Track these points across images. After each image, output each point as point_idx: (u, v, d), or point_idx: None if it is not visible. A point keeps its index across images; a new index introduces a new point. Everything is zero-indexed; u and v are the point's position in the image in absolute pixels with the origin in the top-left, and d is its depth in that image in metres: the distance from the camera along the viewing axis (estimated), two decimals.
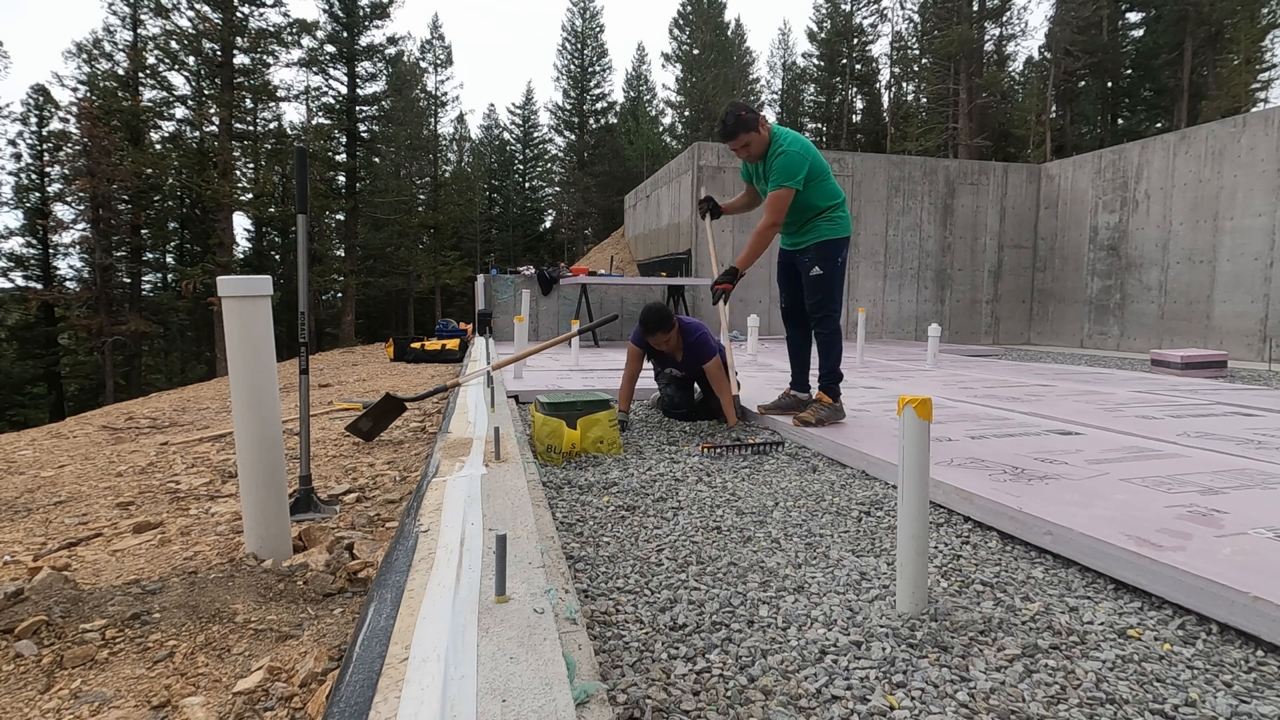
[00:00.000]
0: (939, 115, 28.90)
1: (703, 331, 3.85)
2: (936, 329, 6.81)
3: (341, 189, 28.65)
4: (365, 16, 28.76)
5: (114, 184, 23.40)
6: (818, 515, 2.32)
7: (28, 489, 3.25)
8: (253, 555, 2.08)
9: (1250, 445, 3.10)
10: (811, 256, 3.54)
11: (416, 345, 9.95)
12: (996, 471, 2.53)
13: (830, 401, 3.58)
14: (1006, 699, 1.24)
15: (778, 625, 1.53)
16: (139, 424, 5.40)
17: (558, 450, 3.05)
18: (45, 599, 1.66)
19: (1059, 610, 1.60)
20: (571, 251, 38.19)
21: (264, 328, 2.15)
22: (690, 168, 11.93)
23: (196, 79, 25.04)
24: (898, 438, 1.56)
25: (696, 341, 3.80)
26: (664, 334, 3.75)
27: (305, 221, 2.56)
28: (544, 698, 1.01)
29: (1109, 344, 11.65)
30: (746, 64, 40.81)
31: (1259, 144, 9.47)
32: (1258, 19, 24.52)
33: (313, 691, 1.33)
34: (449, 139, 40.35)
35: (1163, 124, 27.99)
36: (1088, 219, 12.04)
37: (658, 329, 3.73)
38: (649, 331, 3.75)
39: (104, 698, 1.33)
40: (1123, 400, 4.66)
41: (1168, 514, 2.00)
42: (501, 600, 1.34)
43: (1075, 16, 25.90)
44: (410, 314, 33.86)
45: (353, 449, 3.73)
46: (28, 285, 26.90)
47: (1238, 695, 1.25)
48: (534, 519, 1.88)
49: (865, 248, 12.36)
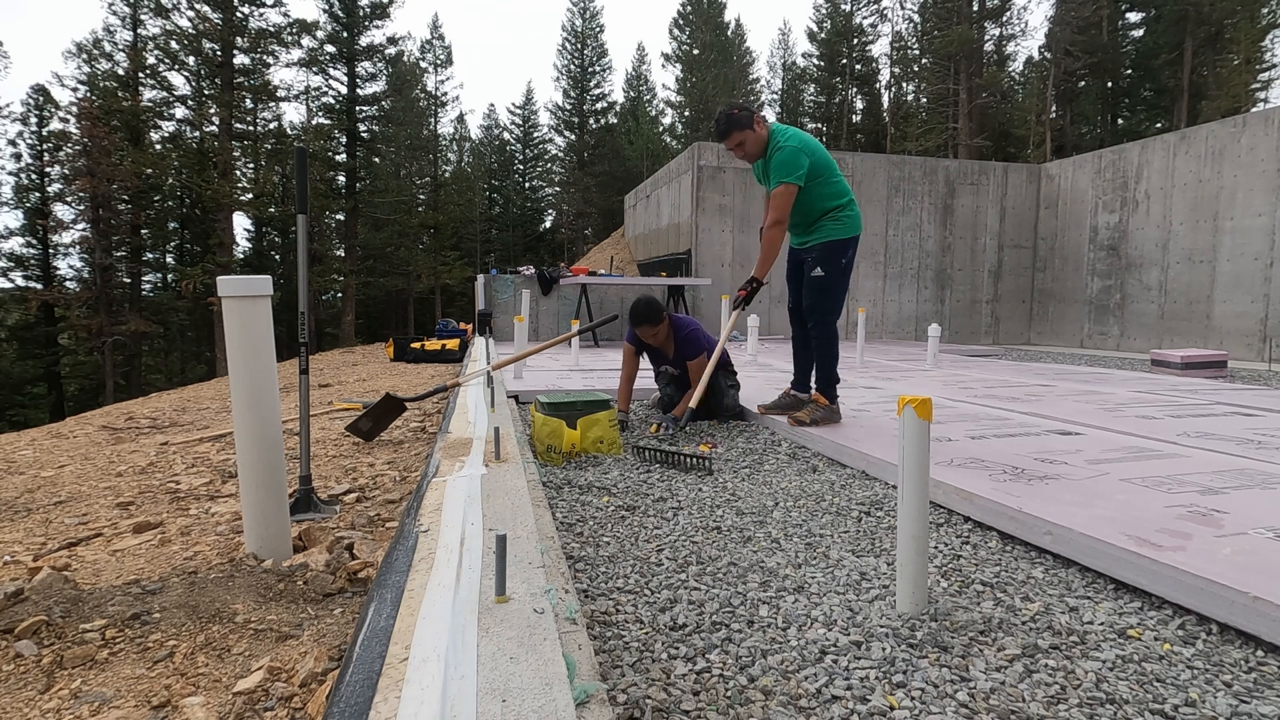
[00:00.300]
0: (939, 115, 28.90)
1: (694, 328, 3.85)
2: (936, 329, 6.81)
3: (341, 189, 28.65)
4: (365, 16, 28.76)
5: (114, 184, 23.40)
6: (818, 515, 2.32)
7: (28, 489, 3.25)
8: (253, 555, 2.08)
9: (1250, 445, 3.10)
10: (815, 256, 3.50)
11: (416, 345, 9.95)
12: (996, 471, 2.52)
13: (826, 403, 3.57)
14: (1006, 699, 1.24)
15: (778, 625, 1.53)
16: (139, 424, 5.40)
17: (558, 450, 3.05)
18: (45, 599, 1.66)
19: (1059, 610, 1.60)
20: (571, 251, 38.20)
21: (264, 328, 2.15)
22: (690, 168, 11.93)
23: (196, 79, 25.04)
24: (898, 438, 1.55)
25: (686, 338, 3.81)
26: (651, 326, 3.75)
27: (305, 221, 2.56)
28: (544, 698, 1.01)
29: (1109, 344, 11.65)
30: (746, 64, 40.82)
31: (1259, 144, 9.47)
32: (1258, 19, 24.52)
33: (313, 691, 1.33)
34: (449, 139, 40.39)
35: (1163, 124, 27.99)
36: (1088, 219, 12.04)
37: (644, 320, 3.73)
38: (636, 323, 3.75)
39: (104, 698, 1.33)
40: (1123, 400, 4.66)
41: (1168, 514, 2.00)
42: (501, 600, 1.34)
43: (1075, 16, 25.90)
44: (410, 314, 33.86)
45: (353, 449, 3.73)
46: (28, 285, 26.90)
47: (1238, 695, 1.25)
48: (534, 519, 1.88)
49: (865, 248, 12.35)
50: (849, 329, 11.17)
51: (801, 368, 3.86)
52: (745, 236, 11.89)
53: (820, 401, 3.58)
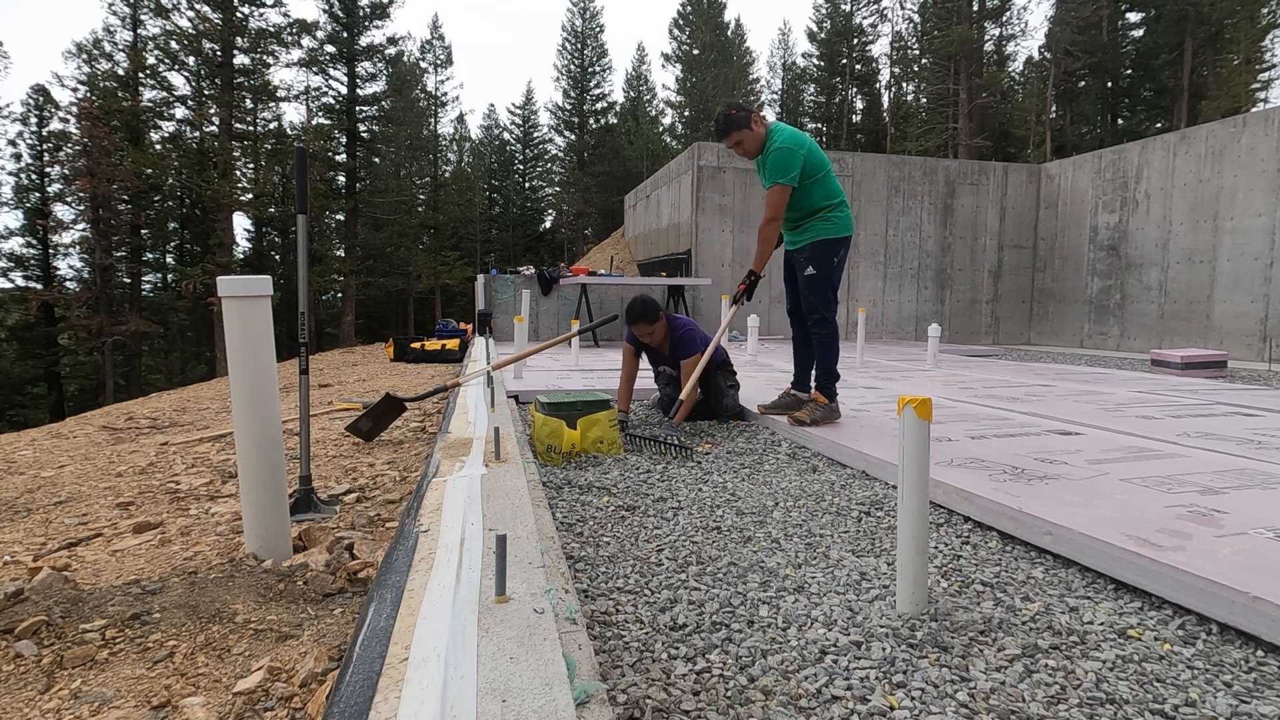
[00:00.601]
0: (939, 115, 28.90)
1: (690, 328, 3.86)
2: (936, 329, 6.81)
3: (341, 189, 28.65)
4: (365, 17, 28.76)
5: (114, 184, 23.40)
6: (818, 515, 2.32)
7: (28, 489, 3.25)
8: (253, 555, 2.08)
9: (1250, 445, 3.10)
10: (807, 256, 3.54)
11: (416, 345, 9.95)
12: (996, 471, 2.52)
13: (826, 402, 3.58)
14: (1006, 699, 1.24)
15: (778, 625, 1.53)
16: (139, 424, 5.40)
17: (558, 450, 3.05)
18: (45, 599, 1.66)
19: (1059, 610, 1.60)
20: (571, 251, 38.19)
21: (264, 328, 2.15)
22: (690, 168, 11.93)
23: (196, 79, 25.04)
24: (898, 438, 1.55)
25: (681, 338, 3.82)
26: (647, 324, 3.76)
27: (305, 221, 2.56)
28: (544, 698, 1.01)
29: (1109, 344, 11.65)
30: (746, 64, 40.82)
31: (1259, 144, 9.47)
32: (1258, 19, 24.52)
33: (313, 691, 1.33)
34: (449, 139, 40.39)
35: (1163, 124, 27.99)
36: (1088, 219, 12.04)
37: (640, 319, 3.75)
38: (632, 321, 3.77)
39: (104, 698, 1.33)
40: (1123, 400, 4.66)
41: (1168, 514, 2.00)
42: (501, 600, 1.34)
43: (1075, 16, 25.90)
44: (410, 314, 33.86)
45: (353, 449, 3.73)
46: (28, 285, 26.90)
47: (1238, 695, 1.25)
48: (534, 519, 1.88)
49: (865, 248, 12.36)
50: (849, 329, 11.17)
51: (801, 368, 3.86)
52: (745, 236, 11.89)
53: (820, 400, 3.59)
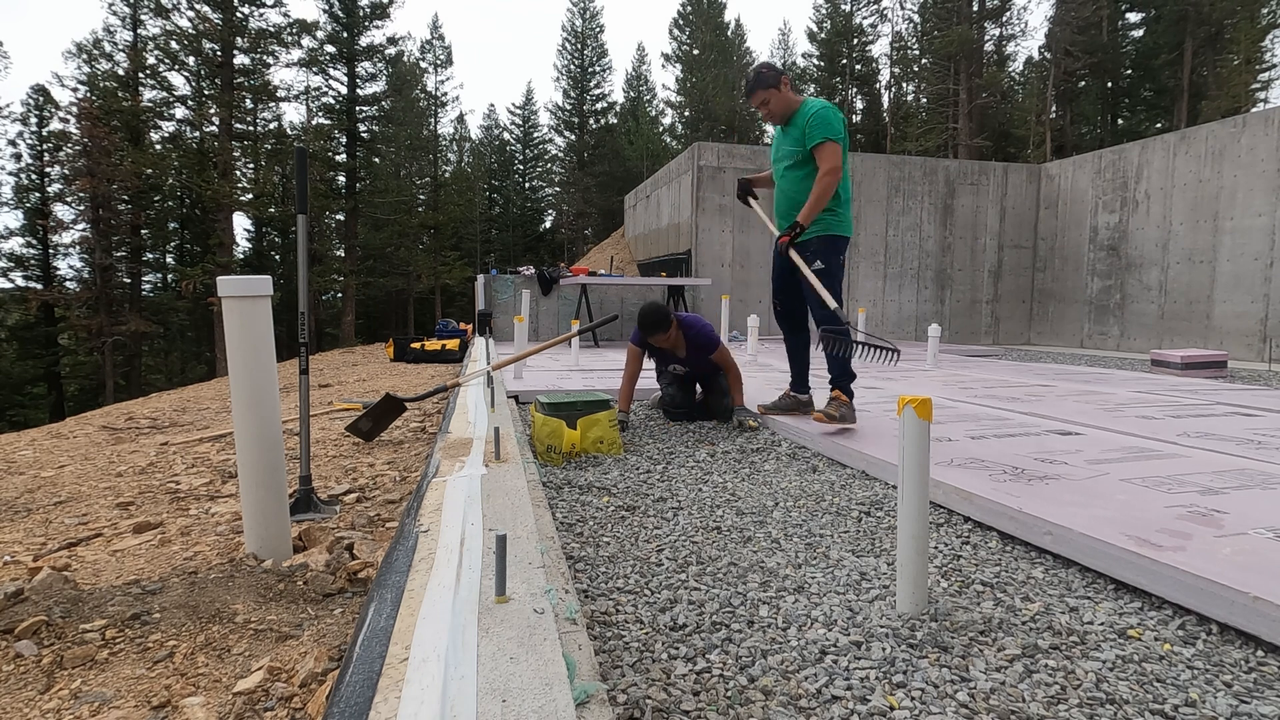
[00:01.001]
0: (939, 115, 28.89)
1: (702, 325, 3.87)
2: (936, 329, 6.81)
3: (341, 189, 28.64)
4: (365, 17, 28.75)
5: (114, 184, 23.39)
6: (818, 515, 2.32)
7: (28, 489, 3.24)
8: (253, 555, 2.08)
9: (1250, 445, 3.10)
10: (814, 249, 3.49)
11: (416, 345, 9.95)
12: (996, 471, 2.52)
13: (846, 400, 3.54)
14: (1006, 699, 1.24)
15: (778, 625, 1.53)
16: (139, 424, 5.40)
17: (558, 450, 3.05)
18: (45, 599, 1.66)
19: (1059, 610, 1.60)
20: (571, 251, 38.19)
21: (264, 328, 2.15)
22: (690, 168, 11.93)
23: (196, 79, 25.04)
24: (898, 438, 1.55)
25: (698, 335, 3.81)
26: (663, 333, 3.76)
27: (305, 221, 2.56)
28: (544, 698, 1.01)
29: (1109, 344, 11.65)
30: (746, 64, 40.76)
31: (1259, 144, 9.47)
32: (1258, 19, 24.52)
33: (313, 691, 1.33)
34: (449, 139, 40.38)
35: (1163, 124, 27.99)
36: (1088, 219, 12.04)
37: (656, 329, 3.73)
38: (648, 332, 3.75)
39: (104, 698, 1.33)
40: (1123, 400, 4.66)
41: (1168, 514, 2.00)
42: (501, 600, 1.34)
43: (1075, 16, 25.90)
44: (410, 314, 33.85)
45: (353, 449, 3.73)
46: (28, 285, 26.90)
47: (1238, 695, 1.25)
48: (534, 519, 1.88)
49: (865, 248, 12.36)
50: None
51: (797, 369, 3.85)
52: (745, 236, 11.89)
53: (842, 398, 3.55)
